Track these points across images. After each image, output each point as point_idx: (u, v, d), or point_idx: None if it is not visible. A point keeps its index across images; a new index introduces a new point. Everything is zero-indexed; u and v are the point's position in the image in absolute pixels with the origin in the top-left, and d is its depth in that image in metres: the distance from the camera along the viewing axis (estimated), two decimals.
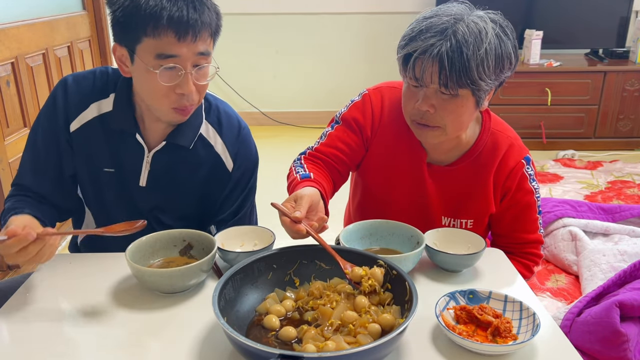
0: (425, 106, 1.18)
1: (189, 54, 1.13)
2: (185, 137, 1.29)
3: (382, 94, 1.37)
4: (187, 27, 1.10)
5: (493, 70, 1.14)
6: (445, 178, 1.34)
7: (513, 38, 1.18)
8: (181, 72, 1.14)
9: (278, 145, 3.96)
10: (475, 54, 1.11)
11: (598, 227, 2.42)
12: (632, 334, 1.64)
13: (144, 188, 1.31)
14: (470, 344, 0.91)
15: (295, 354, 0.78)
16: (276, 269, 1.05)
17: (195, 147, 1.31)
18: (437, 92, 1.17)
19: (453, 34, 1.12)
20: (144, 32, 1.10)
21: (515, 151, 1.32)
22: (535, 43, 3.86)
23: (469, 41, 1.11)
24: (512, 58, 1.18)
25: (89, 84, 1.30)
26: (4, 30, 2.36)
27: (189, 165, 1.32)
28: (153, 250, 1.16)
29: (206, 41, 1.15)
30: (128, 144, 1.29)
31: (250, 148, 1.39)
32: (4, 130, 2.36)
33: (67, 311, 1.05)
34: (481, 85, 1.14)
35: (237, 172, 1.35)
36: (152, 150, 1.29)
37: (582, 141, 3.96)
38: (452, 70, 1.11)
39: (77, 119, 1.29)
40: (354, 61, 4.48)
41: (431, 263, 1.20)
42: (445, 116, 1.19)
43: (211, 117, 1.34)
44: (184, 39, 1.10)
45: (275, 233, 1.19)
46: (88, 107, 1.29)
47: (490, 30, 1.13)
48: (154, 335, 0.98)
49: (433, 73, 1.14)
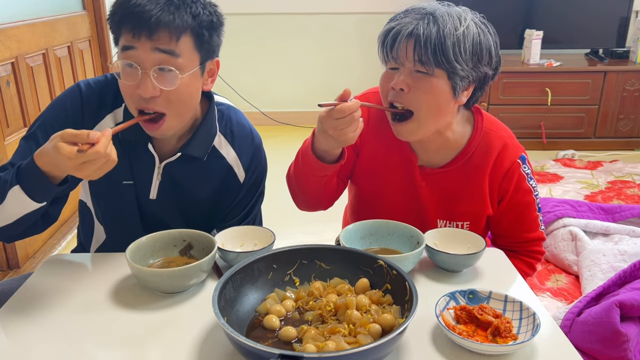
0: (399, 84, 1.19)
1: (146, 51, 1.09)
2: (200, 148, 1.26)
3: (369, 100, 1.37)
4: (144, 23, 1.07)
5: (470, 56, 1.16)
6: (438, 181, 1.34)
7: (494, 36, 1.21)
8: (139, 72, 1.10)
9: (278, 145, 3.96)
10: (452, 33, 1.14)
11: (598, 227, 2.42)
12: (632, 334, 1.64)
13: (154, 201, 1.30)
14: (470, 344, 0.91)
15: (295, 354, 0.78)
16: (276, 269, 1.05)
17: (209, 159, 1.29)
18: (412, 73, 1.18)
19: (431, 14, 1.16)
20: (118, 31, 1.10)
21: (509, 151, 1.30)
22: (535, 43, 3.86)
23: (447, 21, 1.15)
24: (492, 52, 1.20)
25: (103, 93, 1.26)
26: (4, 30, 2.36)
27: (201, 176, 1.30)
28: (153, 250, 1.16)
29: (170, 42, 1.09)
30: (140, 154, 1.26)
31: (262, 158, 1.37)
32: (4, 130, 2.36)
33: (67, 311, 1.05)
34: (457, 68, 1.15)
35: (249, 182, 1.34)
36: (163, 162, 1.26)
37: (582, 141, 3.96)
38: (427, 44, 1.14)
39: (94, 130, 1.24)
40: (354, 61, 4.48)
41: (431, 263, 1.20)
42: (420, 96, 1.19)
43: (224, 127, 1.32)
44: (137, 34, 1.08)
45: (275, 233, 1.19)
46: (104, 119, 1.25)
47: (469, 18, 1.18)
48: (154, 335, 0.98)
49: (409, 49, 1.16)
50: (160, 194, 1.29)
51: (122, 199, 1.30)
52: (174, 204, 1.31)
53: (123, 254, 1.09)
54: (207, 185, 1.31)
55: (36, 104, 2.60)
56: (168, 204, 1.31)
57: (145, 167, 1.27)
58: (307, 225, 2.66)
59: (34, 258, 2.56)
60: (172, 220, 1.33)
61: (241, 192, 1.34)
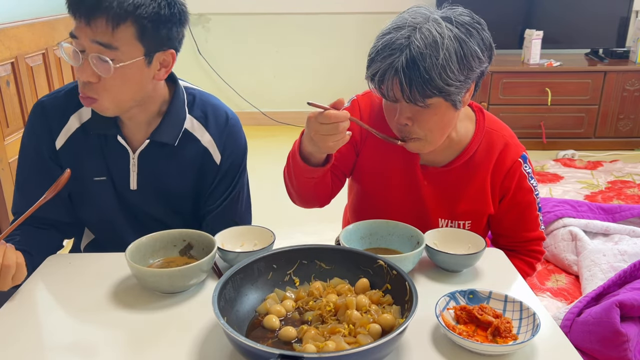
0: (402, 120, 1.18)
1: (84, 35, 1.10)
2: (169, 133, 1.27)
3: (372, 99, 1.37)
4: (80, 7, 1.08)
5: (459, 72, 1.12)
6: (440, 179, 1.34)
7: (479, 32, 1.15)
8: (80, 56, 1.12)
9: (278, 145, 3.96)
10: (433, 63, 1.09)
11: (598, 227, 2.42)
12: (632, 334, 1.64)
13: (136, 191, 1.30)
14: (470, 344, 0.91)
15: (295, 354, 0.78)
16: (276, 269, 1.05)
17: (181, 143, 1.29)
18: (410, 105, 1.16)
19: (408, 48, 1.10)
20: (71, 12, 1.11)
21: (511, 150, 1.31)
22: (535, 43, 3.86)
23: (424, 53, 1.09)
24: (479, 54, 1.14)
25: (64, 98, 1.28)
26: (4, 30, 2.36)
27: (177, 162, 1.30)
28: (153, 250, 1.16)
29: (107, 29, 1.09)
30: (112, 147, 1.27)
31: (238, 138, 1.36)
32: (4, 130, 2.36)
33: (67, 311, 1.05)
34: (450, 90, 1.12)
35: (225, 164, 1.34)
36: (136, 151, 1.28)
37: (582, 141, 3.96)
38: (412, 85, 1.10)
39: (60, 134, 1.27)
40: (354, 61, 4.47)
41: (431, 263, 1.20)
42: (423, 126, 1.18)
43: (195, 110, 1.32)
44: (78, 18, 1.09)
45: (275, 233, 1.19)
46: (69, 120, 1.27)
47: (446, 34, 1.10)
48: (154, 335, 0.97)
49: (396, 90, 1.14)
50: (140, 184, 1.30)
51: (95, 195, 1.31)
52: (155, 193, 1.32)
53: (123, 254, 1.09)
54: (184, 170, 1.32)
55: None
56: (149, 194, 1.32)
57: (120, 160, 1.28)
58: (307, 225, 2.66)
59: None
60: (155, 210, 1.34)
61: (219, 174, 1.34)
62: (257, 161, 2.53)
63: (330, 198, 1.41)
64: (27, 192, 1.30)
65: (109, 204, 1.32)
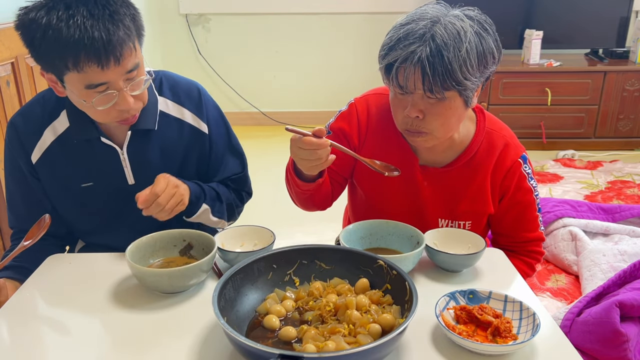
0: (414, 112, 1.18)
1: (118, 76, 1.10)
2: (147, 120, 1.27)
3: (369, 102, 1.37)
4: (108, 54, 1.05)
5: (477, 68, 1.14)
6: (440, 180, 1.34)
7: (493, 32, 1.17)
8: (115, 93, 1.11)
9: (278, 145, 3.96)
10: (456, 55, 1.10)
11: (598, 227, 2.41)
12: (632, 334, 1.64)
13: (135, 185, 1.30)
14: (470, 344, 0.91)
15: (295, 354, 0.78)
16: (276, 269, 1.05)
17: (162, 126, 1.30)
18: (424, 97, 1.16)
19: (432, 38, 1.11)
20: (67, 67, 1.07)
21: (511, 150, 1.31)
22: (535, 43, 3.85)
23: (449, 43, 1.10)
24: (494, 52, 1.17)
25: (37, 113, 1.28)
26: (4, 30, 2.36)
27: (164, 145, 1.31)
28: (153, 250, 1.16)
29: (132, 55, 1.10)
30: (97, 150, 1.27)
31: (213, 102, 1.39)
32: (4, 130, 2.36)
33: (67, 311, 1.05)
34: (467, 84, 1.14)
35: (215, 129, 1.36)
36: (123, 147, 1.28)
37: (582, 141, 3.96)
38: (435, 75, 1.10)
39: (35, 149, 1.27)
40: (354, 61, 4.47)
41: (431, 263, 1.20)
42: (434, 120, 1.18)
43: (165, 91, 1.33)
44: (107, 66, 1.07)
45: (275, 233, 1.19)
46: (43, 134, 1.27)
47: (468, 28, 1.12)
48: (154, 335, 0.98)
49: (416, 80, 1.13)
50: (138, 177, 1.31)
51: (85, 202, 1.31)
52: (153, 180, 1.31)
53: (123, 254, 1.09)
54: (174, 151, 1.33)
55: None
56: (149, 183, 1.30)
57: (110, 160, 1.28)
58: (307, 225, 2.66)
59: None
60: None
61: (213, 142, 1.36)
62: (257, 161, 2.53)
63: (331, 202, 1.42)
64: (14, 206, 1.33)
65: (102, 208, 1.32)
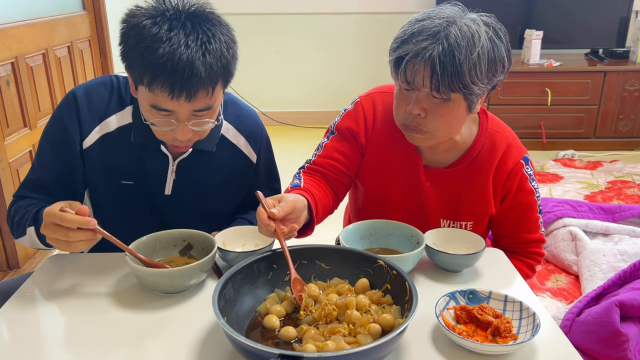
0: (416, 109, 1.17)
1: (185, 110, 1.09)
2: (209, 141, 1.27)
3: (374, 100, 1.37)
4: (182, 89, 1.04)
5: (486, 74, 1.13)
6: (443, 180, 1.34)
7: (506, 41, 1.17)
8: (176, 123, 1.11)
9: (278, 145, 3.96)
10: (467, 57, 1.09)
11: (598, 227, 2.42)
12: (632, 334, 1.64)
13: (169, 196, 1.30)
14: (470, 344, 0.91)
15: (295, 354, 0.78)
16: (276, 269, 1.05)
17: (218, 149, 1.31)
18: (429, 96, 1.15)
19: (445, 37, 1.10)
20: (141, 81, 1.07)
21: (513, 151, 1.31)
22: (535, 43, 3.86)
23: (462, 45, 1.09)
24: (505, 62, 1.16)
25: (104, 96, 1.25)
26: (4, 30, 2.36)
27: (213, 167, 1.32)
28: (153, 250, 1.16)
29: (206, 97, 1.08)
30: (151, 155, 1.26)
31: (266, 133, 1.41)
32: (4, 130, 2.36)
33: (67, 311, 1.05)
34: (473, 89, 1.13)
35: (260, 160, 1.39)
36: (177, 159, 1.28)
37: (582, 141, 3.96)
38: (444, 74, 1.10)
39: (92, 133, 1.24)
40: (354, 61, 4.48)
41: (431, 263, 1.20)
42: (436, 120, 1.18)
43: (228, 115, 1.33)
44: (177, 99, 1.06)
45: None
46: (104, 121, 1.24)
47: (483, 33, 1.11)
48: (154, 335, 0.98)
49: (425, 77, 1.12)
50: (176, 189, 1.31)
51: (122, 199, 1.30)
52: (190, 198, 1.33)
53: (123, 254, 1.09)
54: (219, 172, 1.33)
55: (36, 104, 2.60)
56: (183, 198, 1.32)
57: (157, 166, 1.28)
58: None
59: (34, 258, 2.56)
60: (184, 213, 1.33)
61: (257, 172, 1.39)
62: None
63: (337, 205, 1.42)
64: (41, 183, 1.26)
65: (135, 208, 1.31)
